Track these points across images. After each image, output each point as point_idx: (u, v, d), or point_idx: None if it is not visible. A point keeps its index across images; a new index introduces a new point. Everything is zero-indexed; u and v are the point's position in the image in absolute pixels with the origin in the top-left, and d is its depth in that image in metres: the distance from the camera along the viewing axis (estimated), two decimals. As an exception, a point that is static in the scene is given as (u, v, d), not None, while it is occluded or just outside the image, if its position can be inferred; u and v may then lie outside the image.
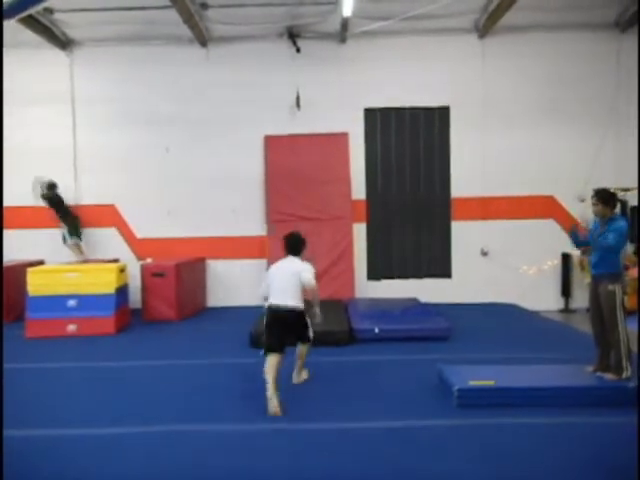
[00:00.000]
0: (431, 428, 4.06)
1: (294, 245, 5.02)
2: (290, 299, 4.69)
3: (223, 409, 4.52)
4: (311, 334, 4.99)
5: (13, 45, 8.86)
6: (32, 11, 5.57)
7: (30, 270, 7.59)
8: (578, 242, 5.11)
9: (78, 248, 9.19)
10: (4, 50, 8.76)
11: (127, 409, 4.57)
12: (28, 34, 8.48)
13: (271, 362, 4.51)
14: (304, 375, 5.22)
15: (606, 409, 4.26)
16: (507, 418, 4.16)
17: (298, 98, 9.18)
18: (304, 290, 4.78)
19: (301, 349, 5.07)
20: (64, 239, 9.13)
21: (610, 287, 4.60)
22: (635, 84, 8.80)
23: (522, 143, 9.24)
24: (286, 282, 4.74)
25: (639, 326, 5.42)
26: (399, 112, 9.41)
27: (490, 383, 4.51)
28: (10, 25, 7.10)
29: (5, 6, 5.33)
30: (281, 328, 4.68)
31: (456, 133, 9.36)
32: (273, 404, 4.33)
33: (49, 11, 8.14)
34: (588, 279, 5.53)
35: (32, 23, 8.24)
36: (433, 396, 4.71)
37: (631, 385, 4.44)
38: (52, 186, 9.07)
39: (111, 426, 4.18)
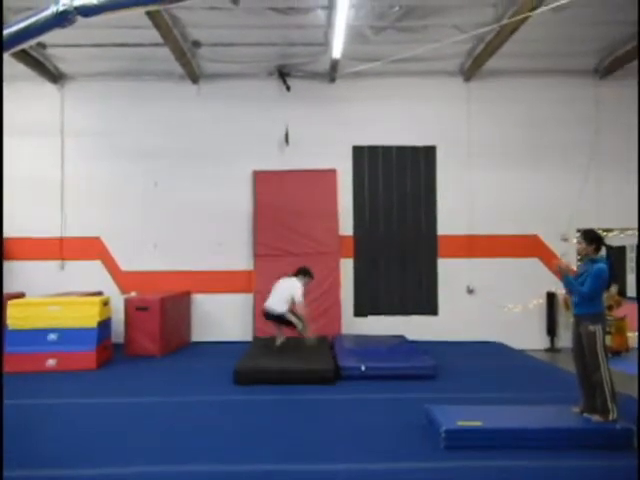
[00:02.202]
0: (417, 471, 3.98)
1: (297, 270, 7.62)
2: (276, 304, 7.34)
3: (205, 449, 4.39)
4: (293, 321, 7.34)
5: (5, 78, 8.89)
6: (25, 46, 5.63)
7: (11, 303, 7.43)
8: (572, 287, 4.76)
9: None
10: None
11: (107, 449, 4.42)
12: (20, 67, 8.55)
13: None
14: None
15: (594, 452, 4.21)
16: (495, 461, 4.09)
17: (287, 135, 9.32)
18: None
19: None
20: None
21: (591, 328, 4.61)
22: (613, 128, 9.12)
23: (506, 183, 9.42)
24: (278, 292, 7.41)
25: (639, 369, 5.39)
26: (387, 150, 9.57)
27: (477, 424, 4.46)
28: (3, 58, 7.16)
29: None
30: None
31: (442, 172, 9.52)
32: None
33: (42, 46, 8.22)
34: (572, 318, 5.56)
35: (24, 57, 8.32)
36: (420, 437, 4.63)
37: (618, 427, 4.42)
38: None
39: (89, 467, 4.03)
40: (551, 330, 9.22)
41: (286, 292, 7.31)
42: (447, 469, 4.00)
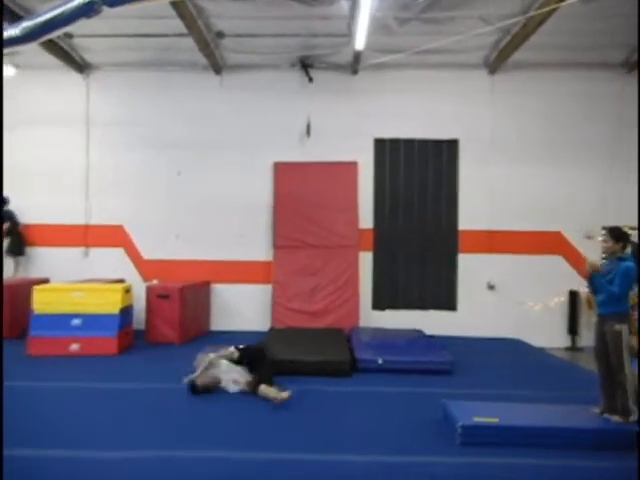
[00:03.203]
0: (432, 465, 3.98)
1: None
2: None
3: (219, 436, 4.46)
4: None
5: (32, 67, 9.09)
6: (53, 36, 5.73)
7: (37, 288, 7.60)
8: (601, 287, 4.64)
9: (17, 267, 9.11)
10: (23, 72, 9.00)
11: (123, 432, 4.52)
12: (47, 57, 8.70)
13: None
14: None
15: (612, 453, 4.15)
16: (511, 458, 4.07)
17: (309, 126, 9.30)
18: None
19: None
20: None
21: (617, 327, 4.53)
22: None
23: (530, 178, 9.27)
24: None
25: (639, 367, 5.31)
26: (408, 143, 9.49)
27: (493, 420, 4.43)
28: (31, 48, 7.31)
29: (27, 30, 5.49)
30: None
31: (464, 166, 9.42)
32: None
33: (69, 36, 8.33)
34: (595, 317, 5.48)
35: (52, 47, 8.45)
36: (435, 432, 4.62)
37: (638, 429, 4.34)
38: (4, 201, 9.00)
39: (104, 449, 4.12)
40: (572, 329, 9.08)
41: None
42: (462, 464, 3.99)
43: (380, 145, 9.52)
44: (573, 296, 9.07)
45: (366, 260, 9.45)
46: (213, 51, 8.73)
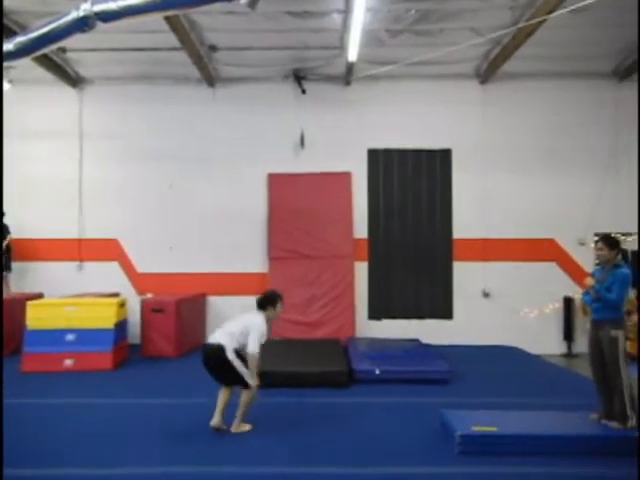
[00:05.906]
0: (430, 476, 3.96)
1: (259, 299, 5.06)
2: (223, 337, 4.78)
3: (217, 451, 4.41)
4: (250, 381, 4.71)
5: (26, 82, 9.10)
6: (47, 50, 5.74)
7: (30, 303, 7.54)
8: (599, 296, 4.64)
9: (7, 282, 8.86)
10: (17, 87, 8.99)
11: (118, 449, 4.46)
12: (40, 71, 8.71)
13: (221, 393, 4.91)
14: (243, 427, 4.80)
15: (611, 459, 4.15)
16: (510, 467, 4.06)
17: (302, 138, 9.35)
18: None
19: (242, 396, 4.82)
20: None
21: (613, 333, 4.55)
22: (632, 130, 8.96)
23: (523, 186, 9.35)
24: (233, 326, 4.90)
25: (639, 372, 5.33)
26: (402, 153, 9.54)
27: (492, 429, 4.42)
28: (24, 63, 7.31)
29: (20, 45, 5.50)
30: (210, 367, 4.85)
31: (458, 175, 9.48)
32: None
33: (62, 50, 8.35)
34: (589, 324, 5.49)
35: (45, 61, 8.47)
36: (434, 441, 4.61)
37: (637, 434, 4.35)
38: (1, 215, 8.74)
39: (101, 466, 4.07)
40: (568, 335, 9.11)
41: (240, 326, 4.84)
42: (461, 474, 3.98)
43: (374, 155, 9.56)
44: (568, 302, 9.11)
45: (361, 270, 9.45)
46: (206, 64, 8.78)
